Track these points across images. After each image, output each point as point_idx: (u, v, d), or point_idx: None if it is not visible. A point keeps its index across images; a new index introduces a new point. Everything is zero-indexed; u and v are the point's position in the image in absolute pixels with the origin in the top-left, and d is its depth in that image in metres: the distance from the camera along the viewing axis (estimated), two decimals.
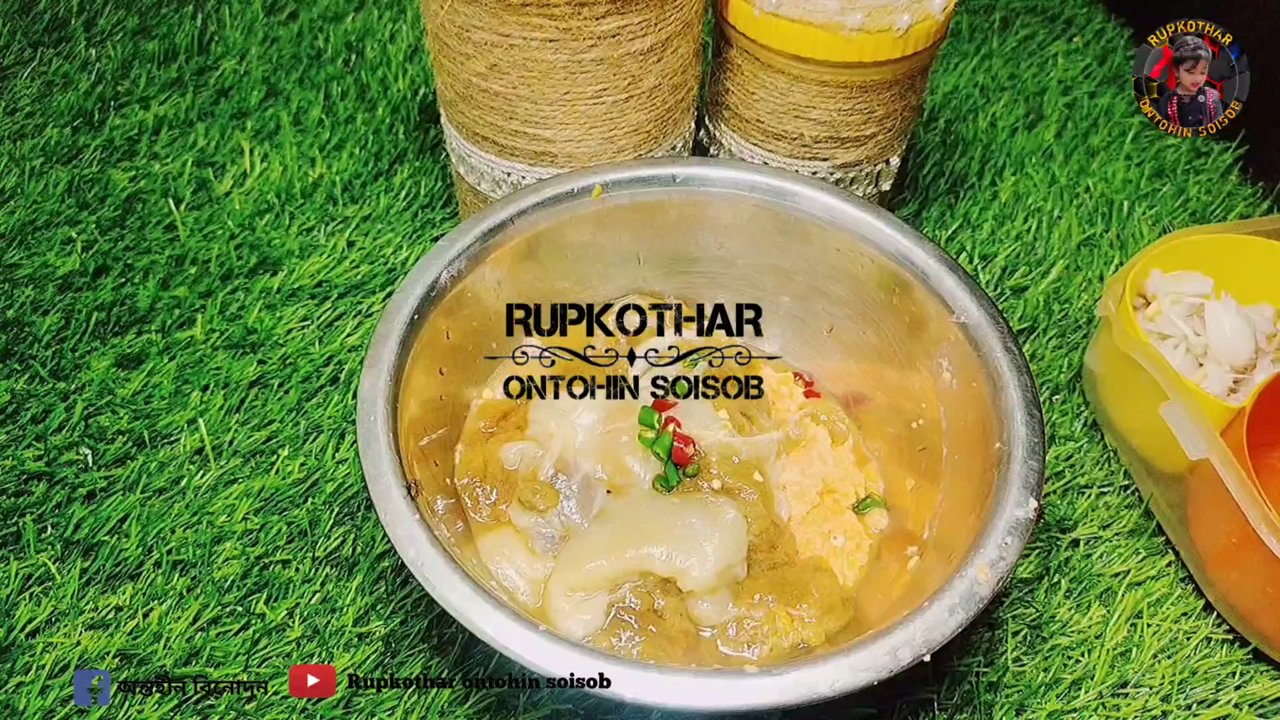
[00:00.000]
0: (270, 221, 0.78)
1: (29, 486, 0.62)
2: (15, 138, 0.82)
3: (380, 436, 0.50)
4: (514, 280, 0.62)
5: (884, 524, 0.61)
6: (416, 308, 0.55)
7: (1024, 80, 0.96)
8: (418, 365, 0.55)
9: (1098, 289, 0.79)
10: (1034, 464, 0.51)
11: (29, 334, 0.69)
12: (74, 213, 0.77)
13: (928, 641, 0.45)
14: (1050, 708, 0.57)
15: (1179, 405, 0.60)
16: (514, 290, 0.62)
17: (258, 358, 0.69)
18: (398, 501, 0.48)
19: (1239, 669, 0.59)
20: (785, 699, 0.43)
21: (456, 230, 0.59)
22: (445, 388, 0.59)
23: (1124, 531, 0.65)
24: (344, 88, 0.88)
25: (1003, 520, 0.49)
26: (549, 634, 0.44)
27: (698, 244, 0.66)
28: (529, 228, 0.61)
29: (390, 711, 0.54)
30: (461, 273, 0.58)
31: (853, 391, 0.66)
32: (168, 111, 0.85)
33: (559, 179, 0.62)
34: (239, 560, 0.59)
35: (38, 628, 0.56)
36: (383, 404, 0.51)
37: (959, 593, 0.46)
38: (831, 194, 0.62)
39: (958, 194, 0.85)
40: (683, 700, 0.43)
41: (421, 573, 0.45)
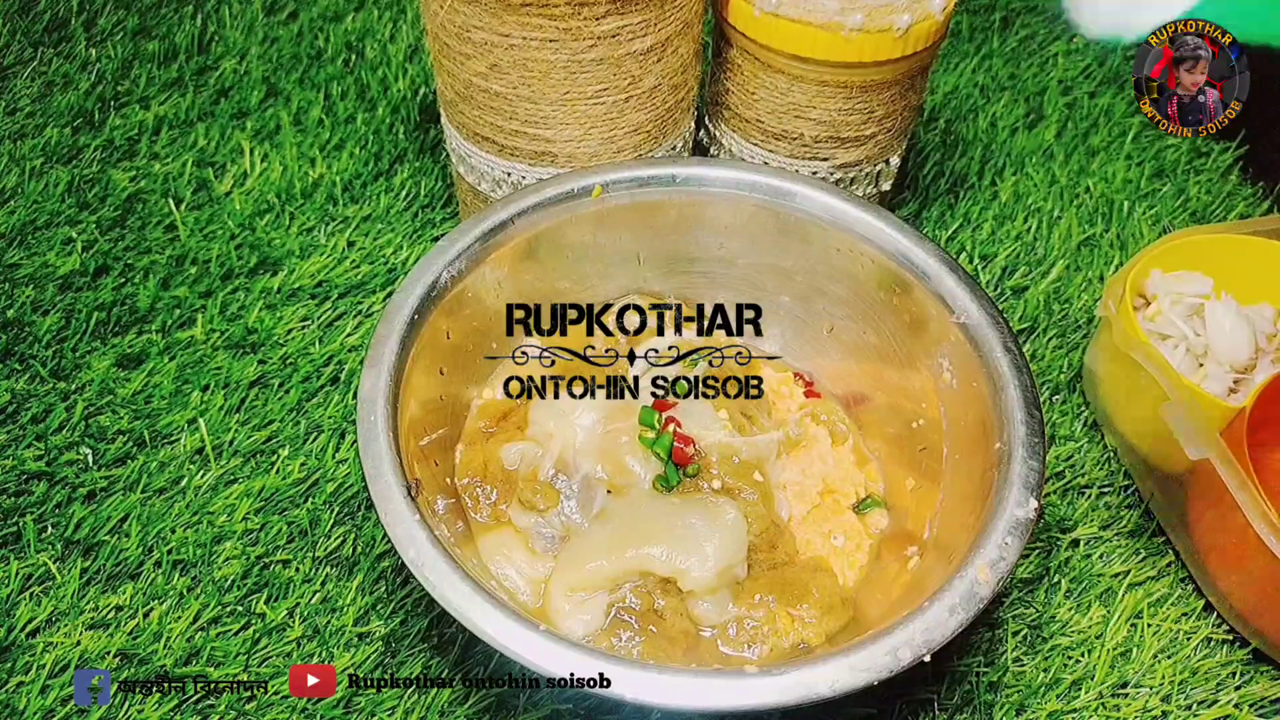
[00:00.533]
0: (270, 221, 0.78)
1: (29, 486, 0.62)
2: (15, 137, 0.82)
3: (380, 436, 0.50)
4: (514, 280, 0.62)
5: (884, 524, 0.61)
6: (417, 307, 0.55)
7: (1024, 80, 0.96)
8: (418, 365, 0.55)
9: (1098, 289, 0.79)
10: (1034, 464, 0.51)
11: (29, 334, 0.69)
12: (74, 213, 0.77)
13: (928, 642, 0.45)
14: (1050, 708, 0.57)
15: (1179, 405, 0.60)
16: (514, 290, 0.62)
17: (258, 358, 0.69)
18: (398, 501, 0.48)
19: (1239, 669, 0.59)
20: (785, 699, 0.43)
21: (457, 230, 0.59)
22: (445, 388, 0.59)
23: (1124, 532, 0.65)
24: (344, 88, 0.88)
25: (1003, 520, 0.49)
26: (549, 634, 0.44)
27: (698, 244, 0.66)
28: (529, 228, 0.61)
29: (390, 711, 0.54)
30: (462, 273, 0.58)
31: (853, 391, 0.66)
32: (168, 111, 0.85)
33: (559, 179, 0.62)
34: (239, 560, 0.59)
35: (38, 627, 0.56)
36: (383, 404, 0.51)
37: (959, 593, 0.46)
38: (831, 194, 0.62)
39: (958, 194, 0.85)
40: (682, 700, 0.43)
41: (421, 573, 0.45)
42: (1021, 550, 0.48)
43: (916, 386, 0.61)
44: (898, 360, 0.63)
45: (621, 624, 0.53)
